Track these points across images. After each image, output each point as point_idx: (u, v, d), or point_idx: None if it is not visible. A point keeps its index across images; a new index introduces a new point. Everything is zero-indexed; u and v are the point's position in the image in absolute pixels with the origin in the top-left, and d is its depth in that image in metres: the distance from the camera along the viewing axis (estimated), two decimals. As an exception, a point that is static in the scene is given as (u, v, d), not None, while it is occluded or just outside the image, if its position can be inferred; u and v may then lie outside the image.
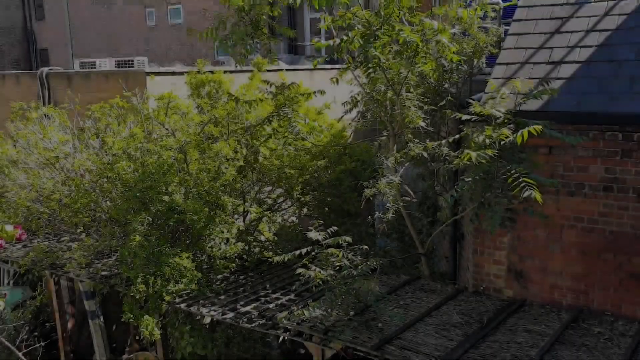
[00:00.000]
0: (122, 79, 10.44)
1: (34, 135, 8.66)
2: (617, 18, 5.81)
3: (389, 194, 6.13)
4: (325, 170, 8.35)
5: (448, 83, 7.09)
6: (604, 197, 5.51)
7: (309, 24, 22.44)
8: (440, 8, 6.30)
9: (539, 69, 5.91)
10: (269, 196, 8.63)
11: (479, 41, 6.87)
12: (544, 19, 6.23)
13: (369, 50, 5.38)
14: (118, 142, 7.66)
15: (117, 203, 7.46)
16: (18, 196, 8.32)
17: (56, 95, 12.08)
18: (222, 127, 8.24)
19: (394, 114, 6.55)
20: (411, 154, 6.36)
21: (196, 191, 7.02)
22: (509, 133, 5.06)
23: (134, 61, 13.27)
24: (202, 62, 9.42)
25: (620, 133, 5.34)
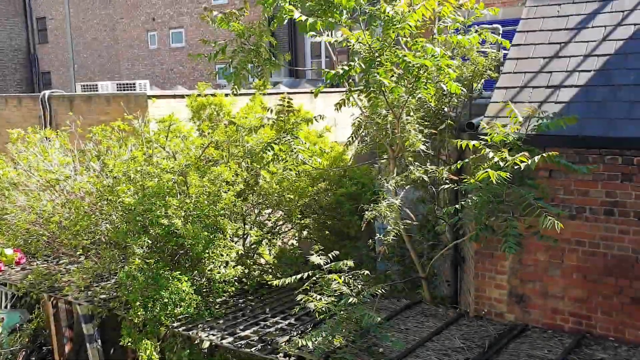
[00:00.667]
0: (123, 102, 10.51)
1: (35, 157, 8.69)
2: (615, 43, 5.86)
3: (389, 217, 6.12)
4: (325, 193, 8.35)
5: (448, 106, 7.13)
6: (604, 221, 5.50)
7: (309, 47, 22.65)
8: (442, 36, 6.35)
9: (538, 92, 5.94)
10: (269, 219, 8.61)
11: (479, 65, 6.92)
12: (542, 43, 6.28)
13: (372, 76, 5.41)
14: (119, 165, 7.68)
15: (116, 226, 7.45)
16: (18, 218, 8.31)
17: (58, 118, 12.14)
18: (222, 150, 8.27)
19: (394, 137, 6.57)
20: (412, 177, 6.36)
21: (196, 215, 7.01)
22: (526, 158, 5.03)
23: (135, 84, 13.34)
24: (203, 85, 9.50)
25: (620, 157, 5.35)
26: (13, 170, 8.83)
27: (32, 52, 34.27)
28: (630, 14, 5.97)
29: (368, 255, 8.16)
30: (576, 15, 6.29)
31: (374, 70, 5.40)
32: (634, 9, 5.98)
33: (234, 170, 7.66)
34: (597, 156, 5.45)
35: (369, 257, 8.17)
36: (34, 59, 34.19)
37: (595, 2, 6.27)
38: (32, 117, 12.62)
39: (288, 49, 22.26)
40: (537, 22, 6.47)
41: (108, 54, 30.58)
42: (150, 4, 27.91)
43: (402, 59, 5.29)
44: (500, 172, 4.95)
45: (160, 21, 27.64)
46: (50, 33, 33.30)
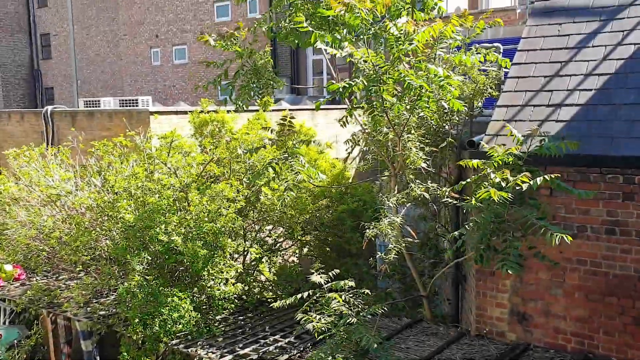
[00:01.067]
0: (125, 118, 10.56)
1: (36, 172, 8.70)
2: (615, 62, 5.89)
3: (390, 235, 6.11)
4: (326, 210, 8.34)
5: (448, 124, 7.15)
6: (606, 240, 5.47)
7: (311, 65, 22.79)
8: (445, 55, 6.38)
9: (539, 111, 5.96)
10: (269, 235, 8.60)
11: (479, 84, 6.96)
12: (543, 62, 6.31)
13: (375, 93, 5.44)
14: (120, 181, 7.68)
15: (116, 242, 7.43)
16: (18, 234, 8.30)
17: (60, 133, 12.19)
18: (224, 167, 8.28)
19: (395, 155, 6.58)
20: (413, 195, 6.36)
21: (196, 232, 6.99)
22: (527, 179, 5.04)
23: (138, 100, 13.41)
24: (205, 101, 9.53)
25: (621, 176, 5.34)
26: (14, 186, 8.84)
27: (36, 68, 34.49)
28: (629, 33, 6.01)
29: (369, 272, 8.14)
30: (576, 35, 6.33)
31: (378, 87, 5.43)
32: (633, 28, 6.02)
33: (235, 187, 7.66)
34: (598, 175, 5.45)
35: (370, 274, 8.14)
36: (37, 74, 34.40)
37: (595, 22, 6.31)
38: (35, 133, 12.67)
39: (290, 66, 22.42)
40: (537, 41, 6.50)
41: (111, 70, 30.77)
42: (154, 21, 28.14)
43: (404, 79, 5.32)
44: (502, 193, 4.95)
45: (164, 38, 27.86)
46: (53, 49, 33.55)
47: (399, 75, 5.41)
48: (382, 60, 5.46)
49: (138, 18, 28.78)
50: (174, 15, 27.28)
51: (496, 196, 4.89)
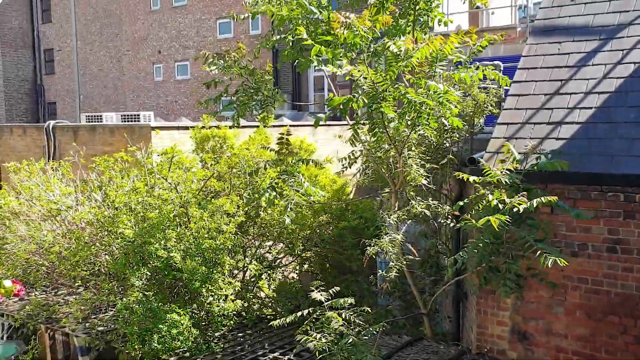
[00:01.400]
0: (127, 133, 10.59)
1: (37, 187, 8.71)
2: (615, 81, 5.91)
3: (391, 252, 6.09)
4: (327, 226, 8.33)
5: (449, 141, 7.16)
6: (607, 258, 5.45)
7: (312, 81, 22.92)
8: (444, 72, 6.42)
9: (539, 129, 5.97)
10: (269, 251, 8.57)
11: (480, 101, 6.98)
12: (543, 80, 6.34)
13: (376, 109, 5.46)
14: (120, 196, 7.68)
15: (116, 257, 7.41)
16: (18, 248, 8.28)
17: (61, 148, 12.23)
18: (224, 182, 8.28)
19: (396, 172, 6.58)
20: (413, 212, 6.35)
21: (195, 249, 6.97)
22: (524, 201, 5.04)
23: (140, 115, 13.46)
24: (207, 117, 9.57)
25: (621, 194, 5.34)
26: (15, 200, 8.84)
27: (39, 83, 34.70)
28: (629, 52, 6.04)
29: (369, 289, 8.10)
30: (576, 53, 6.36)
31: (378, 105, 5.45)
32: (633, 47, 6.05)
33: (235, 202, 7.65)
34: (598, 192, 5.44)
35: (370, 291, 8.10)
36: (40, 89, 34.60)
37: (595, 41, 6.35)
38: (37, 147, 12.71)
39: (291, 82, 22.54)
40: (538, 60, 6.54)
41: (114, 85, 30.95)
42: (157, 37, 28.36)
43: (404, 96, 5.34)
44: (501, 216, 4.94)
45: (166, 54, 28.05)
46: (57, 64, 33.78)
47: (399, 93, 5.43)
48: (381, 78, 5.49)
49: (141, 34, 29.01)
50: (177, 31, 27.50)
51: (495, 224, 4.89)
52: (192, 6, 26.66)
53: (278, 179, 6.42)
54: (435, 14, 6.40)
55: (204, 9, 26.20)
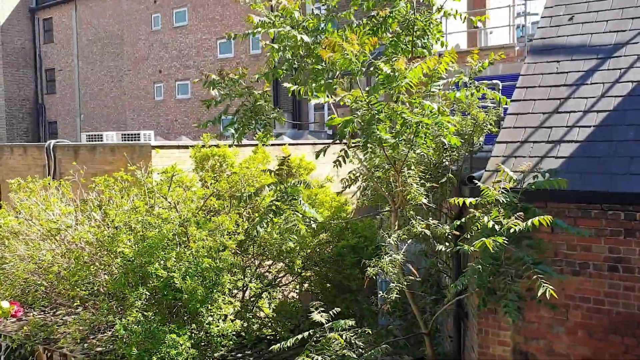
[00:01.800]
0: (128, 152, 10.61)
1: (36, 206, 8.70)
2: (614, 100, 5.93)
3: (391, 273, 6.05)
4: (327, 245, 8.30)
5: (448, 160, 7.17)
6: (609, 277, 5.41)
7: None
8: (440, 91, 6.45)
9: (538, 147, 5.97)
10: (269, 271, 8.53)
11: (479, 120, 7.00)
12: (542, 99, 6.36)
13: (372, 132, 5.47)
14: (120, 215, 7.67)
15: (115, 277, 7.37)
16: (16, 268, 8.25)
17: (62, 167, 12.24)
18: (224, 200, 8.28)
19: (395, 191, 6.58)
20: (413, 232, 6.33)
21: (194, 268, 6.94)
22: (520, 222, 5.03)
23: (140, 134, 13.50)
24: (207, 136, 9.60)
25: (622, 212, 5.32)
26: (14, 220, 8.82)
27: (40, 102, 34.89)
28: (627, 71, 6.06)
29: (369, 309, 8.05)
30: (574, 72, 6.39)
31: (374, 127, 5.46)
32: (630, 66, 6.08)
33: (235, 220, 7.64)
34: (599, 211, 5.43)
35: (371, 311, 8.05)
36: (41, 108, 34.78)
37: (593, 60, 6.38)
38: (37, 166, 12.72)
39: (291, 101, 22.64)
40: (536, 78, 6.56)
41: (115, 104, 31.10)
42: (157, 57, 28.57)
43: (399, 116, 5.36)
44: (497, 238, 4.93)
45: (167, 73, 28.24)
46: (58, 83, 34.00)
47: (394, 113, 5.45)
48: (375, 99, 5.52)
49: (142, 54, 29.23)
50: (178, 51, 27.71)
51: (490, 246, 4.87)
52: (193, 26, 26.91)
53: (278, 201, 6.40)
54: (435, 33, 6.43)
55: (204, 29, 26.43)
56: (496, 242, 4.94)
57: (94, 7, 31.76)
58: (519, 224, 4.97)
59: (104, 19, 31.29)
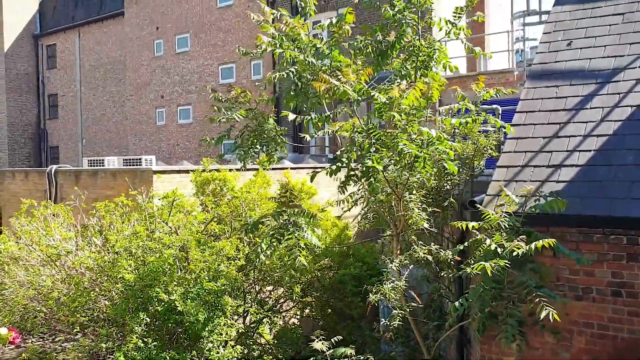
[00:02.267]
0: (129, 177, 10.63)
1: (37, 232, 8.68)
2: (613, 124, 5.96)
3: (393, 299, 6.01)
4: (328, 270, 8.26)
5: (449, 184, 7.17)
6: (612, 302, 5.37)
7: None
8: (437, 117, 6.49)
9: (539, 172, 5.98)
10: (269, 296, 8.47)
11: (479, 144, 7.02)
12: (542, 123, 6.39)
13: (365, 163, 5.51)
14: (120, 240, 7.65)
15: (115, 302, 7.32)
16: (16, 294, 8.20)
17: (63, 192, 12.25)
18: (224, 225, 8.26)
19: (397, 215, 6.57)
20: (415, 257, 6.31)
21: (196, 292, 6.90)
22: (523, 245, 5.01)
23: (141, 159, 13.54)
24: (207, 160, 9.62)
25: (624, 237, 5.30)
26: (14, 245, 8.80)
27: (42, 127, 35.09)
28: (626, 96, 6.11)
29: (371, 336, 7.96)
30: (574, 97, 6.43)
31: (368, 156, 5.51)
32: (629, 91, 6.12)
33: (235, 245, 7.62)
34: (601, 235, 5.41)
35: (373, 338, 7.97)
36: (43, 133, 34.97)
37: (592, 84, 6.43)
38: (38, 191, 12.73)
39: (292, 125, 22.74)
40: (535, 103, 6.61)
41: (116, 129, 31.27)
42: (160, 82, 28.81)
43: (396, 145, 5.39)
44: (498, 260, 4.90)
45: (169, 98, 28.45)
46: (60, 109, 34.25)
47: (393, 142, 5.48)
48: (373, 127, 5.56)
49: (144, 79, 29.48)
50: (180, 77, 27.95)
51: (489, 270, 4.85)
52: (195, 52, 27.18)
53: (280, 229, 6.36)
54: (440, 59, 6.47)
55: (206, 55, 26.69)
56: (497, 264, 4.92)
57: (97, 34, 32.14)
58: (522, 246, 4.94)
59: (106, 45, 31.65)
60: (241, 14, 25.28)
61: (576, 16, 7.16)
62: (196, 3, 27.00)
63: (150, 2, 28.93)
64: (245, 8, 25.15)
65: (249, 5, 25.06)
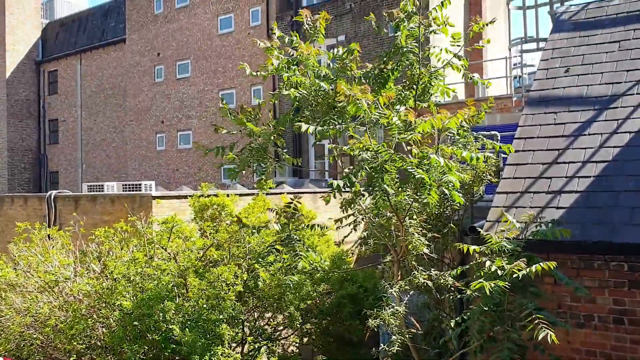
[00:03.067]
0: (128, 203, 10.62)
1: (35, 258, 8.63)
2: (612, 150, 5.97)
3: (393, 325, 5.95)
4: (327, 297, 8.19)
5: (450, 210, 7.16)
6: (614, 330, 5.32)
7: (313, 149, 23.20)
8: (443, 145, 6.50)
9: (539, 198, 5.97)
10: (268, 323, 8.39)
11: (479, 170, 7.03)
12: (540, 149, 6.40)
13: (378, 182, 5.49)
14: (119, 267, 7.61)
15: (113, 330, 7.25)
16: (12, 321, 8.11)
17: (62, 218, 12.22)
18: (223, 251, 8.21)
19: (397, 240, 6.54)
20: (416, 283, 6.26)
21: (194, 320, 6.83)
22: (523, 266, 4.97)
23: (141, 185, 13.54)
24: (205, 185, 9.61)
25: (625, 263, 5.28)
26: (12, 271, 8.74)
27: (42, 152, 35.16)
28: (624, 122, 6.13)
29: (372, 362, 7.87)
30: (572, 123, 6.46)
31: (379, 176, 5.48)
32: (627, 117, 6.15)
33: (234, 271, 7.57)
34: (602, 262, 5.38)
35: (373, 364, 7.87)
36: (44, 158, 35.03)
37: (590, 111, 6.46)
38: (37, 217, 12.69)
39: (293, 149, 22.83)
40: (534, 129, 6.63)
41: (116, 154, 31.34)
42: (160, 107, 28.98)
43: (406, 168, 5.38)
44: (498, 282, 4.87)
45: (169, 124, 28.58)
46: (61, 134, 34.38)
47: (402, 164, 5.47)
48: (384, 149, 5.55)
49: (145, 105, 29.67)
50: (180, 102, 28.14)
51: (488, 288, 4.81)
52: (195, 78, 27.40)
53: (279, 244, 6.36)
54: (438, 87, 6.54)
55: (206, 81, 26.91)
56: (497, 285, 4.88)
57: (98, 60, 32.43)
58: (521, 267, 4.91)
59: (107, 70, 31.91)
60: (242, 40, 25.55)
61: (573, 43, 7.24)
62: (197, 30, 27.31)
63: (152, 29, 29.27)
64: (245, 35, 25.44)
65: (249, 32, 25.34)
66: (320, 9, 22.97)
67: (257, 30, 25.04)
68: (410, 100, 6.37)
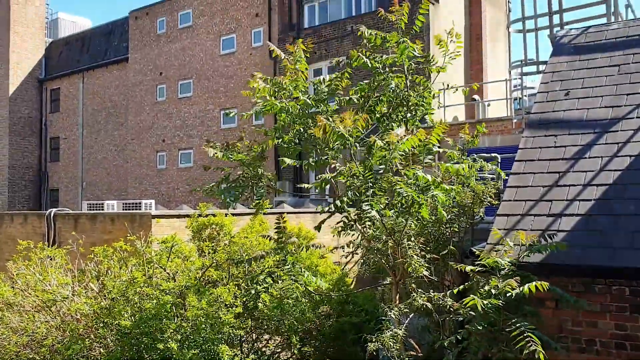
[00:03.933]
0: (128, 221, 10.59)
1: (33, 277, 8.58)
2: (613, 173, 5.97)
3: (393, 349, 5.90)
4: (327, 319, 8.12)
5: (449, 232, 7.14)
6: (617, 355, 5.27)
7: (313, 169, 23.22)
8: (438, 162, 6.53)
9: (539, 220, 5.96)
10: (267, 345, 8.30)
11: (478, 192, 7.02)
12: (541, 172, 6.40)
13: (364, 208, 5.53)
14: (117, 286, 7.56)
15: (110, 350, 7.18)
16: (8, 341, 8.03)
17: (61, 236, 12.18)
18: (222, 271, 8.16)
19: (396, 263, 6.51)
20: (415, 305, 6.22)
21: (193, 339, 6.77)
22: (515, 284, 4.96)
23: (141, 204, 13.52)
24: (204, 205, 9.58)
25: (627, 287, 5.24)
26: (9, 290, 8.68)
27: (43, 170, 35.20)
28: (624, 145, 6.14)
29: (371, 386, 7.77)
30: (572, 146, 6.47)
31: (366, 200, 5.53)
32: (627, 141, 6.17)
33: (233, 292, 7.51)
34: (603, 286, 5.35)
35: (372, 388, 7.77)
36: (44, 176, 35.06)
37: (590, 134, 6.48)
38: (36, 235, 12.66)
39: (292, 169, 22.84)
40: (534, 152, 6.64)
41: (117, 173, 31.37)
42: (161, 126, 29.08)
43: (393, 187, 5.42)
44: (492, 300, 4.85)
45: (170, 142, 28.64)
46: (62, 152, 34.45)
47: (389, 184, 5.52)
48: (369, 172, 5.61)
49: (146, 123, 29.77)
50: (181, 121, 28.24)
51: (480, 305, 4.79)
52: (197, 97, 27.55)
53: (276, 268, 6.34)
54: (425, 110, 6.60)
55: (208, 100, 27.04)
56: (490, 303, 4.86)
57: (101, 78, 32.63)
58: (514, 285, 4.90)
59: (109, 89, 32.09)
60: (244, 60, 25.73)
61: (573, 67, 7.28)
62: (200, 50, 27.52)
63: (154, 48, 29.49)
64: (248, 55, 25.63)
65: (251, 53, 25.53)
66: (322, 30, 23.25)
67: (259, 50, 25.24)
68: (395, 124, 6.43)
